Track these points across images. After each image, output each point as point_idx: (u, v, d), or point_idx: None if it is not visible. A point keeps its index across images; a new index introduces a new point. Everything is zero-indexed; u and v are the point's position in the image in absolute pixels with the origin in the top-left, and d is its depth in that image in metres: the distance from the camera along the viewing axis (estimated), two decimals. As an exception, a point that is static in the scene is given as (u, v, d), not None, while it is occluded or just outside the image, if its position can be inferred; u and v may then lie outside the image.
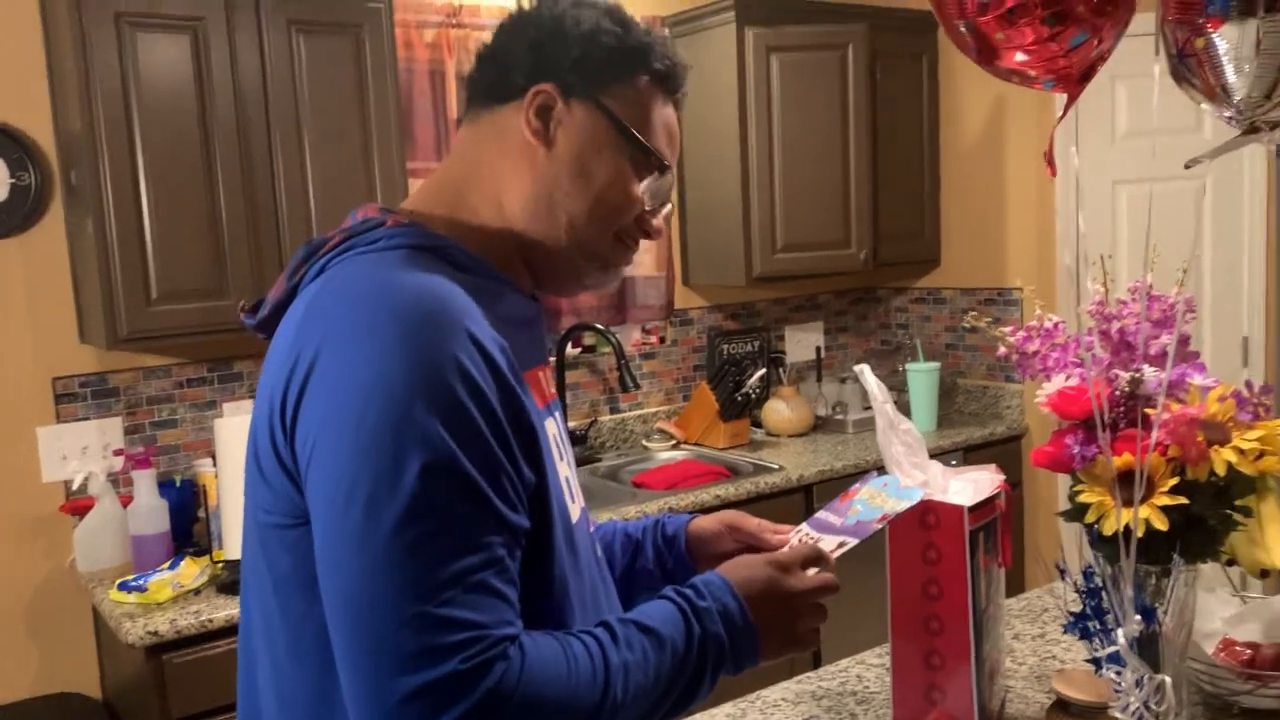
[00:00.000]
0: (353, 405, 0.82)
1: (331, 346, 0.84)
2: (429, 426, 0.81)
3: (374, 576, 0.79)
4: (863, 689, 1.54)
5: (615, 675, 0.87)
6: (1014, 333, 1.37)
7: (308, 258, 0.96)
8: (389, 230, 0.94)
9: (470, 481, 0.82)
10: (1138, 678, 1.08)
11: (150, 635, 2.05)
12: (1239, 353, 3.26)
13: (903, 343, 3.84)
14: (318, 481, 0.84)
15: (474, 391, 0.84)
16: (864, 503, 1.16)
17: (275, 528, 0.90)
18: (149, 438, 2.62)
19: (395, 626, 0.78)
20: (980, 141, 3.54)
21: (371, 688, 0.79)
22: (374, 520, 0.79)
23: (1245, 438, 1.19)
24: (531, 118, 0.97)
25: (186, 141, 2.32)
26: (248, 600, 0.98)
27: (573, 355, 3.30)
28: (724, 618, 0.95)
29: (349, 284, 0.89)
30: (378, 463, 0.80)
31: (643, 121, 1.01)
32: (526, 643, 0.84)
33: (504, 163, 0.99)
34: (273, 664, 0.93)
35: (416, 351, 0.82)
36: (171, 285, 2.32)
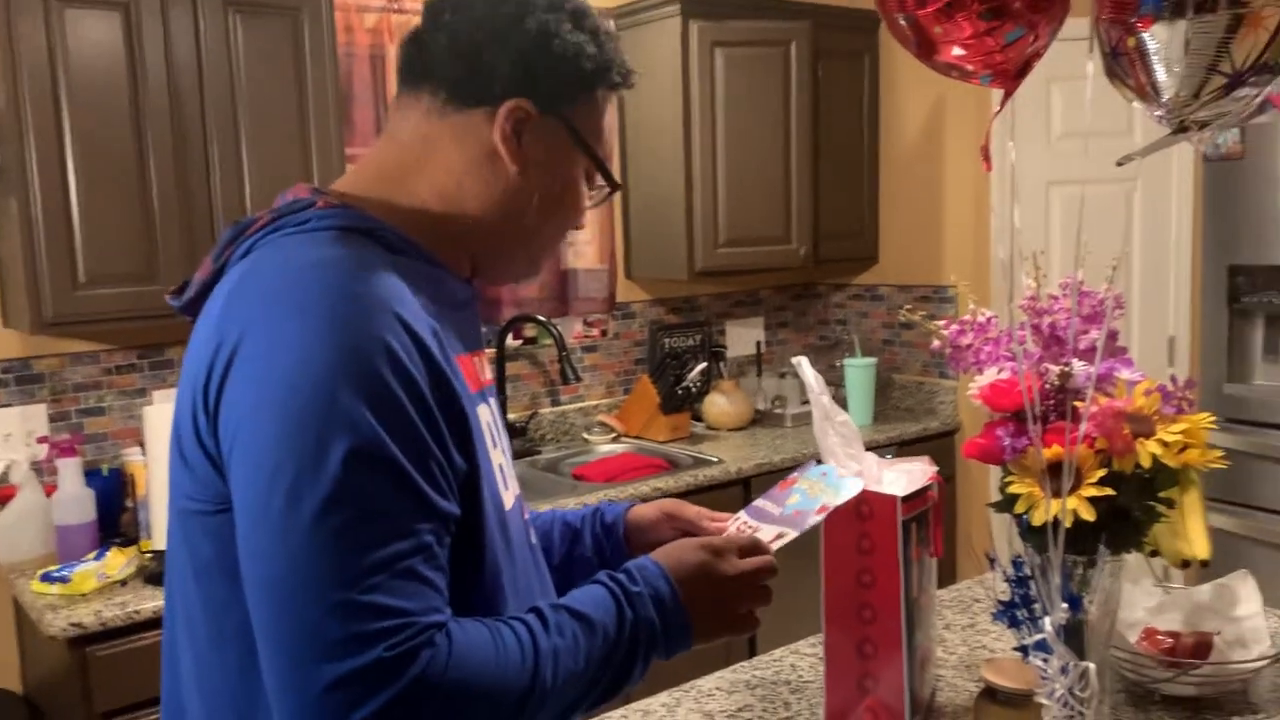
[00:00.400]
0: (277, 389, 0.80)
1: (256, 329, 0.83)
2: (355, 411, 0.79)
3: (297, 563, 0.78)
4: (796, 678, 1.55)
5: (545, 661, 0.87)
6: (948, 326, 1.39)
7: (235, 237, 0.94)
8: (319, 211, 0.92)
9: (398, 467, 0.81)
10: (1063, 665, 1.10)
11: (73, 627, 2.00)
12: (1165, 351, 3.35)
13: (841, 338, 3.88)
14: (241, 466, 0.82)
15: (402, 376, 0.82)
16: (802, 492, 1.17)
17: (198, 514, 0.88)
18: (75, 425, 2.55)
19: (319, 614, 0.77)
20: (919, 141, 3.58)
21: (294, 676, 0.77)
22: (297, 506, 0.78)
23: (1169, 431, 1.22)
24: (507, 131, 0.96)
25: (117, 121, 2.26)
26: (171, 590, 0.96)
27: (514, 347, 3.28)
28: (656, 602, 0.95)
29: (276, 265, 0.87)
30: (302, 448, 0.79)
31: (595, 133, 1.02)
32: (454, 629, 0.83)
33: (465, 166, 0.97)
34: (195, 654, 0.91)
35: (343, 335, 0.81)
36: (100, 268, 2.26)
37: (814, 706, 1.45)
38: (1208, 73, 0.94)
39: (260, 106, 2.42)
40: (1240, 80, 0.94)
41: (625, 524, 1.22)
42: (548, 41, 0.96)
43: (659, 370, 3.38)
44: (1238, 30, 0.91)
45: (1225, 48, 0.92)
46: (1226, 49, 0.92)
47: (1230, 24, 0.90)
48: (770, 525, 1.12)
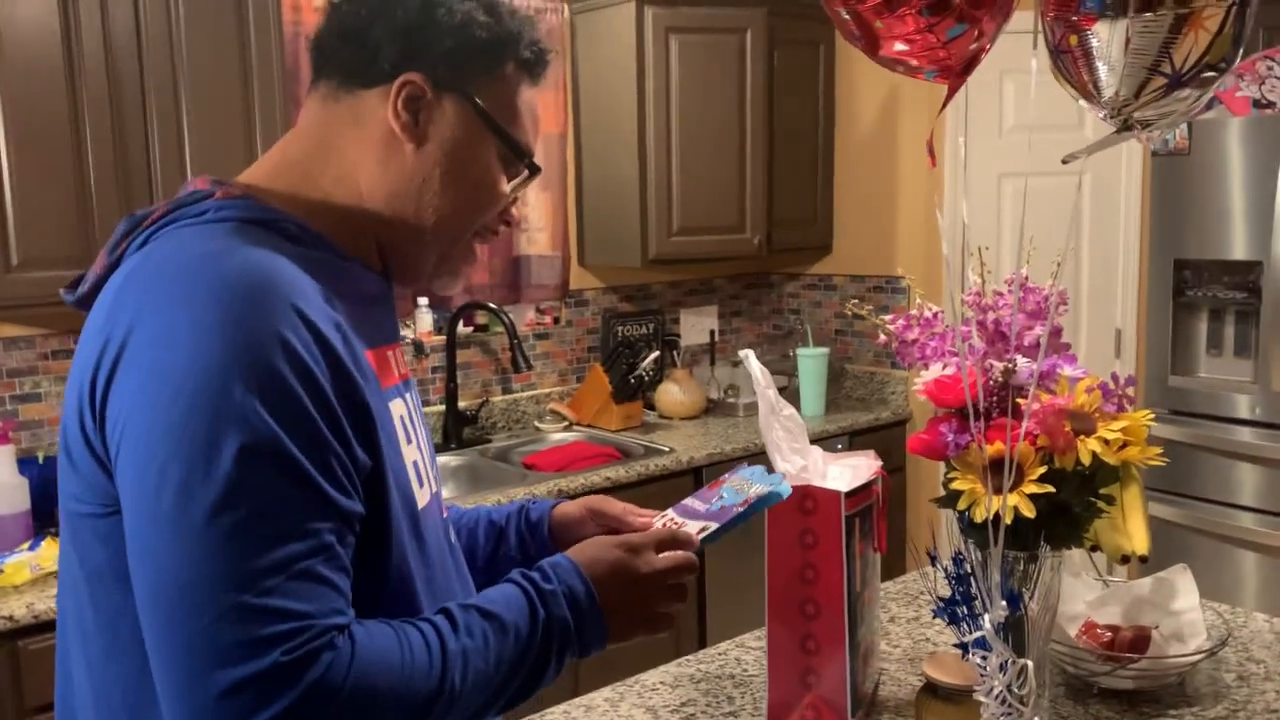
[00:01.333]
0: (166, 384, 0.77)
1: (145, 322, 0.79)
2: (248, 406, 0.76)
3: (189, 564, 0.75)
4: (741, 672, 1.55)
5: (453, 663, 0.84)
6: (894, 321, 1.39)
7: (131, 230, 0.90)
8: (218, 202, 0.89)
9: (294, 464, 0.78)
10: (1002, 662, 1.10)
11: (4, 620, 1.94)
12: (1112, 344, 3.39)
13: (794, 328, 3.89)
14: (128, 466, 0.79)
15: (300, 370, 0.79)
16: (730, 490, 1.16)
17: (87, 517, 0.85)
18: (9, 412, 2.48)
19: (212, 618, 0.74)
20: (873, 131, 3.59)
21: (189, 682, 0.74)
22: (188, 505, 0.75)
23: (1110, 428, 1.23)
24: (400, 109, 0.93)
25: (52, 98, 2.19)
26: (63, 596, 0.92)
27: (465, 334, 3.24)
28: (570, 601, 0.94)
29: (167, 257, 0.84)
30: (191, 445, 0.76)
31: (509, 112, 0.97)
32: (358, 631, 0.80)
33: (363, 150, 0.94)
34: (88, 663, 0.88)
35: (236, 327, 0.78)
36: (34, 250, 2.19)
37: (757, 701, 1.45)
38: (1149, 73, 0.93)
39: (203, 84, 2.35)
40: (1181, 81, 0.94)
41: (551, 521, 1.20)
42: (432, 12, 0.92)
43: (611, 359, 3.36)
44: (1179, 31, 0.90)
45: (1167, 48, 0.92)
46: (1168, 49, 0.92)
47: (1172, 24, 0.90)
48: (695, 520, 1.11)
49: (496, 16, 0.96)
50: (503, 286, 3.29)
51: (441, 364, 3.17)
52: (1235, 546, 2.96)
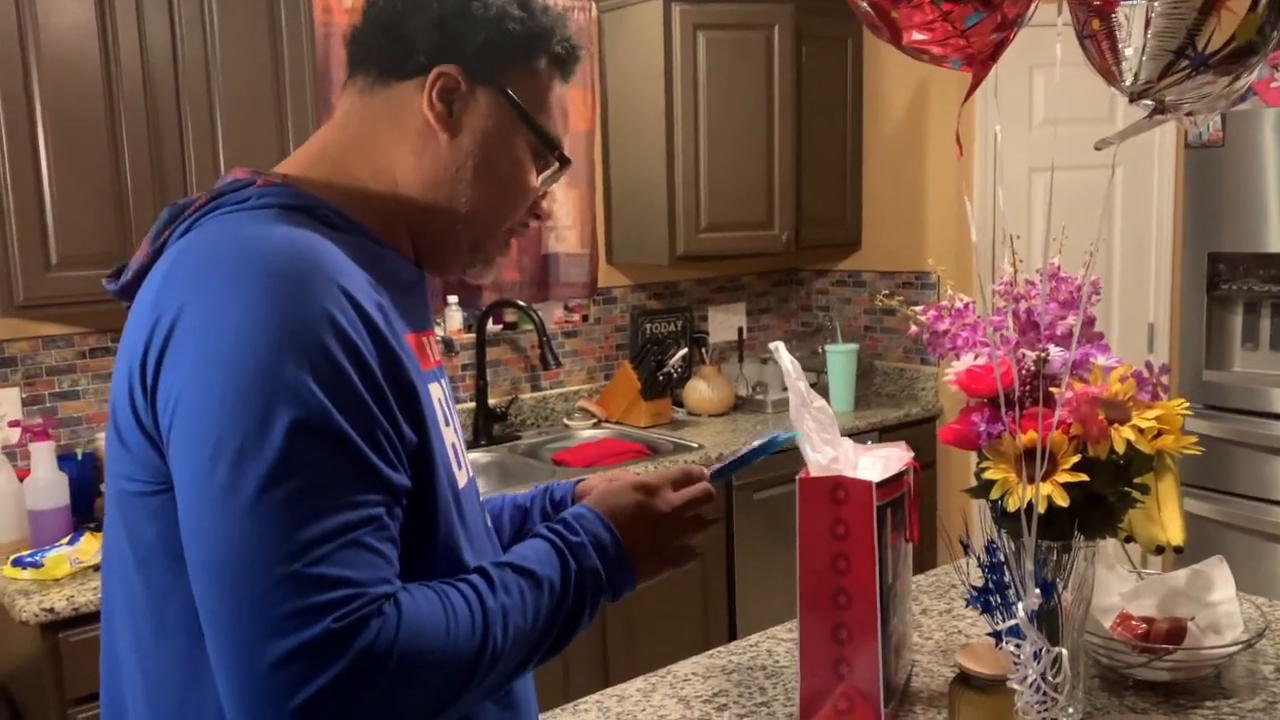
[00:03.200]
0: (218, 362, 0.78)
1: (195, 303, 0.81)
2: (299, 381, 0.77)
3: (241, 538, 0.76)
4: (773, 663, 1.55)
5: (494, 621, 0.86)
6: (925, 312, 1.39)
7: (173, 219, 0.92)
8: (259, 189, 0.90)
9: (344, 437, 0.79)
10: (1036, 650, 1.10)
11: (46, 613, 1.98)
12: (1144, 338, 3.36)
13: (823, 324, 3.88)
14: (181, 442, 0.80)
15: (348, 347, 0.81)
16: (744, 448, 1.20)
17: (138, 495, 0.86)
18: (49, 409, 2.52)
19: (264, 588, 0.75)
20: (902, 126, 3.58)
21: (242, 653, 0.76)
22: (241, 478, 0.76)
23: (1144, 417, 1.22)
24: (435, 100, 0.94)
25: (90, 101, 2.23)
26: (110, 577, 0.93)
27: (494, 332, 3.26)
28: (598, 549, 0.96)
29: (214, 240, 0.85)
30: (244, 420, 0.77)
31: (540, 106, 0.99)
32: (403, 597, 0.81)
33: (398, 141, 0.96)
34: (136, 641, 0.89)
35: (286, 305, 0.79)
36: (72, 250, 2.23)
37: (789, 692, 1.45)
38: (1173, 55, 0.93)
39: (236, 87, 2.39)
40: (1206, 63, 0.93)
41: (574, 497, 1.21)
42: (467, 6, 0.94)
43: (640, 356, 3.37)
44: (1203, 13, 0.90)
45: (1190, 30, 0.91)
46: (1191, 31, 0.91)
47: (1197, 6, 0.90)
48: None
49: (530, 11, 0.97)
50: (532, 284, 3.31)
51: (471, 361, 3.19)
52: (1272, 542, 2.92)
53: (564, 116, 1.02)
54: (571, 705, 1.44)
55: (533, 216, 1.03)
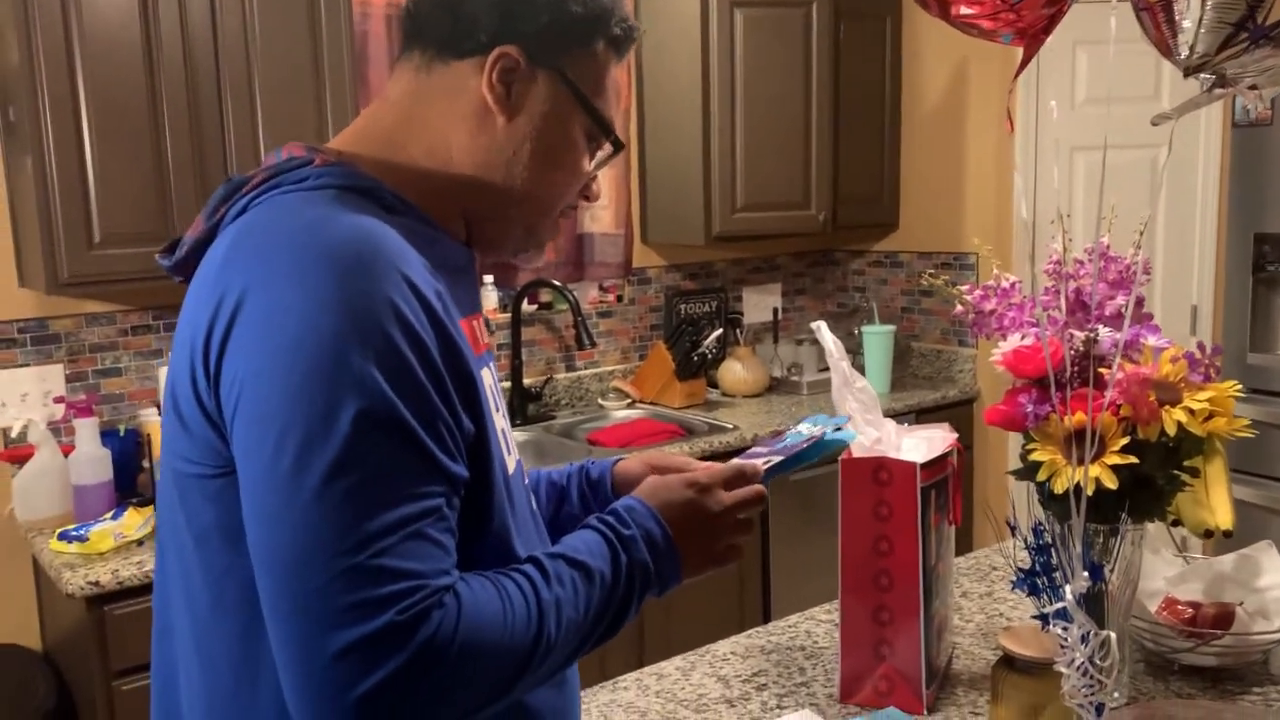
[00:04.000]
0: (283, 350, 0.78)
1: (259, 288, 0.80)
2: (364, 372, 0.77)
3: (305, 528, 0.76)
4: (811, 644, 1.55)
5: (549, 612, 0.86)
6: (971, 291, 1.37)
7: (228, 196, 0.91)
8: (317, 169, 0.89)
9: (407, 429, 0.79)
10: (1083, 633, 1.09)
11: (91, 586, 2.01)
12: (1188, 320, 3.30)
13: (859, 305, 3.85)
14: (245, 429, 0.80)
15: (411, 337, 0.80)
16: (794, 434, 1.17)
17: (196, 478, 0.86)
18: (92, 386, 2.56)
19: (328, 578, 0.75)
20: (941, 105, 3.53)
21: (303, 643, 0.76)
22: (305, 469, 0.76)
23: (1196, 398, 1.20)
24: (494, 81, 0.93)
25: (131, 80, 2.24)
26: (164, 555, 0.94)
27: (529, 312, 3.26)
28: (648, 543, 0.95)
29: (276, 223, 0.84)
30: (310, 409, 0.77)
31: (596, 88, 0.98)
32: (462, 588, 0.81)
33: (454, 121, 0.95)
34: (193, 620, 0.89)
35: (350, 295, 0.79)
36: (114, 228, 2.25)
37: (829, 672, 1.45)
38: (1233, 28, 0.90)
39: (275, 65, 2.39)
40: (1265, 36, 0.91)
41: (612, 478, 1.21)
42: None
43: (675, 336, 3.36)
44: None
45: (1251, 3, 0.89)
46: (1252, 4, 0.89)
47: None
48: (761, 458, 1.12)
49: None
50: (567, 264, 3.30)
51: (506, 341, 3.20)
52: (1317, 528, 2.88)
53: (617, 98, 1.01)
54: (611, 683, 1.44)
55: (582, 198, 1.03)
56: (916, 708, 1.33)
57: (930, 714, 1.33)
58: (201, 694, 0.90)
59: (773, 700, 1.38)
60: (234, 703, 0.87)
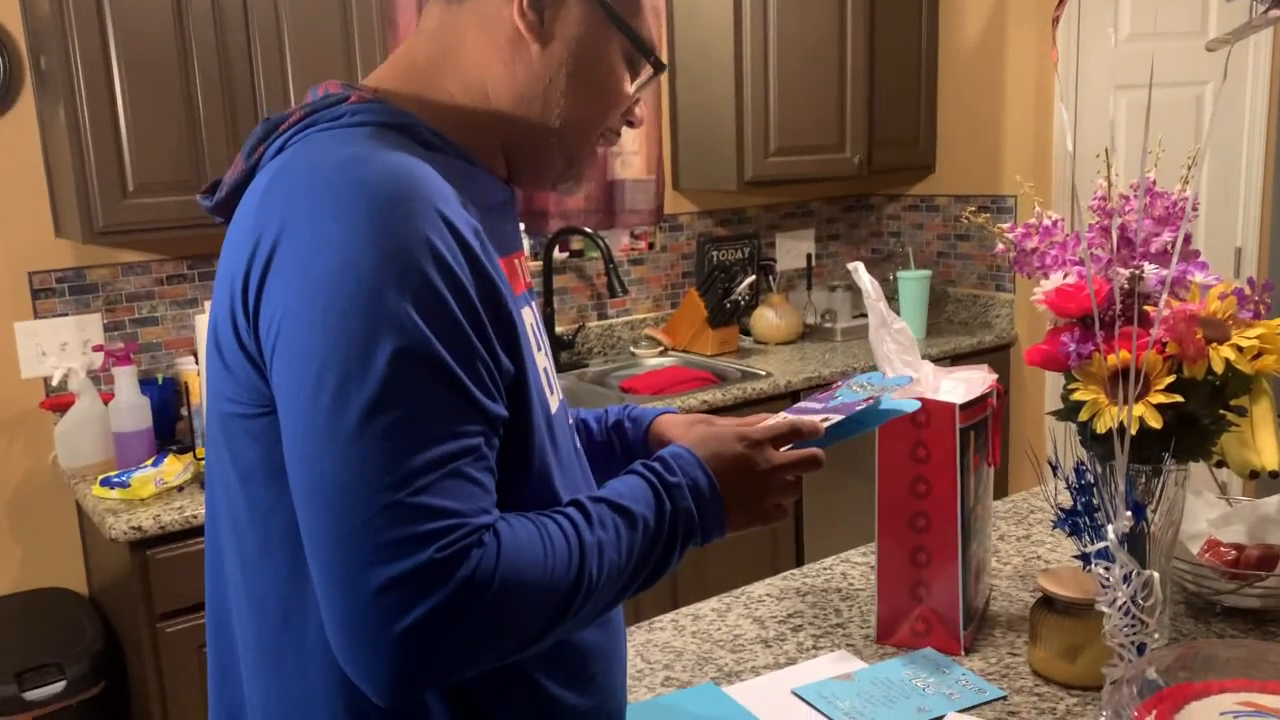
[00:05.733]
0: (320, 289, 0.77)
1: (295, 227, 0.79)
2: (400, 310, 0.77)
3: (345, 465, 0.76)
4: (847, 585, 1.54)
5: (590, 555, 0.85)
6: (1012, 230, 1.34)
7: (266, 135, 0.90)
8: (353, 106, 0.88)
9: (445, 368, 0.78)
10: (1126, 573, 1.07)
11: (134, 530, 2.04)
12: (1232, 263, 3.24)
13: (894, 251, 3.81)
14: (284, 368, 0.80)
15: (448, 276, 0.79)
16: (846, 391, 1.14)
17: (240, 417, 0.86)
18: (129, 335, 2.58)
19: (368, 516, 0.75)
20: (979, 45, 3.45)
21: (344, 580, 0.76)
22: (344, 407, 0.76)
23: (1244, 335, 1.17)
24: (525, 8, 0.90)
25: (161, 27, 2.23)
26: (214, 495, 0.94)
27: (560, 259, 3.25)
28: (694, 492, 0.94)
29: (313, 161, 0.83)
30: (347, 348, 0.76)
31: (633, 8, 0.95)
32: (503, 528, 0.81)
33: (488, 52, 0.92)
34: (240, 559, 0.90)
35: (387, 233, 0.78)
36: (148, 177, 2.25)
37: (865, 614, 1.45)
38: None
39: (303, 10, 2.37)
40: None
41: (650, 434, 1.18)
42: None
43: (707, 283, 3.34)
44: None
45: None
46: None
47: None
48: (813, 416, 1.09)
49: None
50: (598, 211, 3.28)
51: (538, 289, 3.19)
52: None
53: (657, 18, 0.97)
54: (647, 623, 1.45)
55: (625, 123, 1.00)
56: (954, 649, 1.33)
57: (968, 655, 1.33)
58: (252, 632, 0.91)
59: (808, 641, 1.38)
60: (283, 640, 0.88)
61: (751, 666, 1.33)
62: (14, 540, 2.50)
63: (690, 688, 1.29)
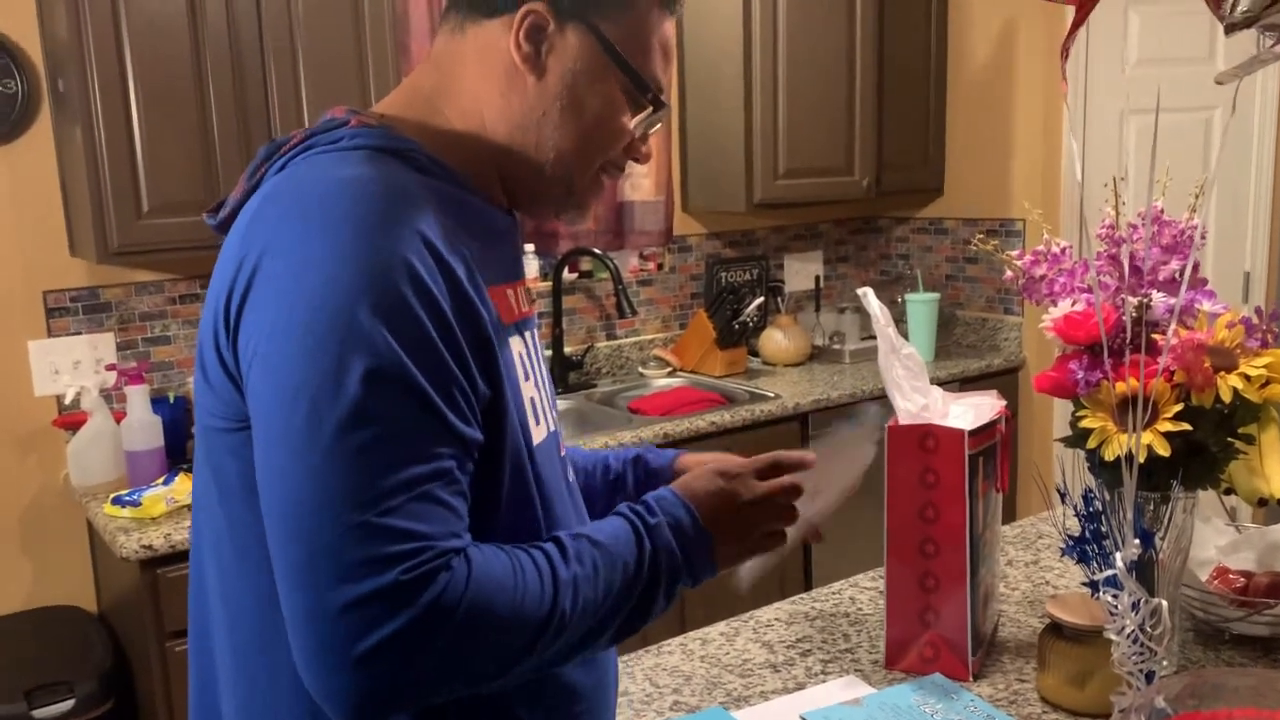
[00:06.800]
0: (296, 306, 0.78)
1: (278, 245, 0.81)
2: (373, 330, 0.77)
3: (314, 484, 0.76)
4: (856, 610, 1.55)
5: (564, 589, 0.85)
6: (1021, 257, 1.35)
7: (268, 156, 0.92)
8: (352, 130, 0.89)
9: (417, 389, 0.79)
10: (1134, 601, 1.08)
11: (144, 549, 2.05)
12: (1240, 287, 3.24)
13: (903, 273, 3.82)
14: (260, 384, 0.80)
15: (424, 296, 0.80)
16: None
17: (220, 431, 0.87)
18: (142, 354, 2.60)
19: (335, 535, 0.75)
20: (988, 68, 3.47)
21: (308, 599, 0.76)
22: (315, 426, 0.76)
23: (1252, 364, 1.18)
24: (521, 40, 0.91)
25: (177, 51, 2.26)
26: (198, 511, 0.95)
27: (570, 280, 3.27)
28: (675, 531, 0.94)
29: (301, 181, 0.85)
30: (320, 367, 0.77)
31: (639, 46, 0.95)
32: (473, 554, 0.81)
33: (486, 82, 0.93)
34: (220, 574, 0.91)
35: (364, 252, 0.78)
36: (162, 198, 2.28)
37: (874, 639, 1.45)
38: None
39: (318, 35, 2.40)
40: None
41: (673, 471, 1.19)
42: None
43: (715, 305, 3.35)
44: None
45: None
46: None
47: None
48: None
49: None
50: (607, 233, 3.30)
51: (548, 310, 3.21)
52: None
53: (665, 57, 0.97)
54: (655, 647, 1.46)
55: (631, 159, 1.00)
56: (963, 674, 1.33)
57: (976, 681, 1.33)
58: (227, 645, 0.91)
59: (817, 666, 1.39)
60: (255, 656, 0.89)
61: (760, 691, 1.33)
62: (25, 557, 2.51)
63: (699, 712, 1.29)
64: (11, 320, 2.44)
